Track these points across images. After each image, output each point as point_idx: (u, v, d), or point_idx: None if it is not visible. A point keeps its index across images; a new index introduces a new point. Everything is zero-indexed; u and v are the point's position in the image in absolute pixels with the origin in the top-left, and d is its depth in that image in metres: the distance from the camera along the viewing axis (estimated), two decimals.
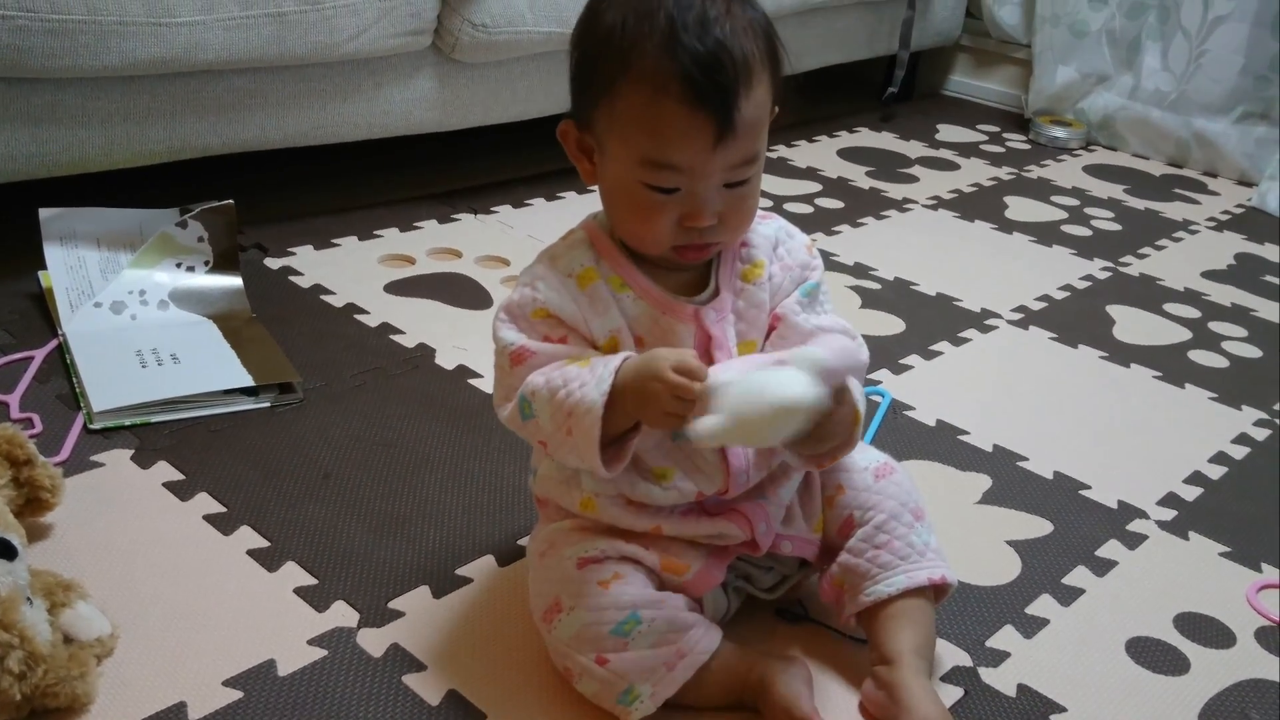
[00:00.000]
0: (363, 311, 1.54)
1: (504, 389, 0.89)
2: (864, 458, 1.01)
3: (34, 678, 0.82)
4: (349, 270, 1.65)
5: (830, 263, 1.82)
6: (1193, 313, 1.79)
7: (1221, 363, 1.63)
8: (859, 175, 2.28)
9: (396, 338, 1.48)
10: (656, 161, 0.82)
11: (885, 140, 2.53)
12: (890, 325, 1.64)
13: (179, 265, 1.46)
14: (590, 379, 0.82)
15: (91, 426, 1.21)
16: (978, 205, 2.17)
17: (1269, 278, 1.96)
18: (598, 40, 0.84)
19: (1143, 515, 1.24)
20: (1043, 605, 1.08)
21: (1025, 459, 1.32)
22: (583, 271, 0.89)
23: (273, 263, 1.65)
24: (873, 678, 0.90)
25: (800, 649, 0.98)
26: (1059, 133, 2.60)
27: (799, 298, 0.93)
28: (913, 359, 1.55)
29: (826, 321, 0.93)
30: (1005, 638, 1.03)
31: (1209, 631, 1.07)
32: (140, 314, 1.42)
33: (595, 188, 0.90)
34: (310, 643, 0.95)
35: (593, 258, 0.90)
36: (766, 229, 0.94)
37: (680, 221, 0.84)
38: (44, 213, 1.43)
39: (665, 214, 0.84)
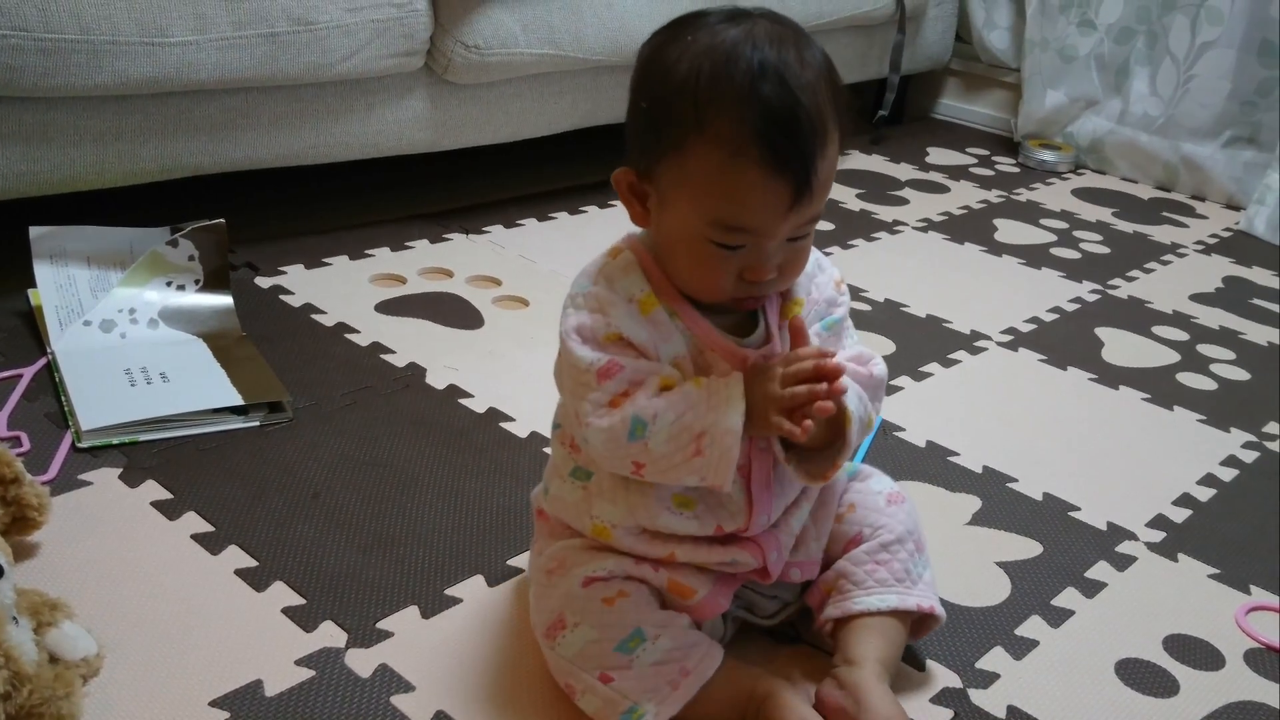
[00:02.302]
0: (353, 331, 1.53)
1: (591, 405, 0.85)
2: (878, 483, 1.02)
3: (19, 698, 0.81)
4: (340, 289, 1.65)
5: None
6: (1181, 335, 1.80)
7: (1210, 385, 1.63)
8: (849, 197, 2.29)
9: (387, 357, 1.47)
10: (729, 225, 0.81)
11: (875, 163, 2.55)
12: (880, 347, 1.64)
13: (169, 284, 1.46)
14: (719, 400, 0.82)
15: (80, 445, 1.21)
16: (967, 228, 2.18)
17: (1257, 301, 1.97)
18: (670, 91, 0.81)
19: (1132, 537, 1.24)
20: (1032, 627, 1.08)
21: (1015, 480, 1.33)
22: (644, 297, 0.87)
23: (263, 282, 1.65)
24: (833, 677, 0.91)
25: (793, 670, 0.98)
26: (1048, 156, 2.61)
27: (820, 330, 0.92)
28: (903, 380, 1.55)
29: (848, 353, 0.92)
30: (995, 659, 1.03)
31: (1198, 653, 1.07)
32: (130, 332, 1.41)
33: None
34: (298, 663, 0.94)
35: (646, 283, 0.87)
36: (806, 265, 0.92)
37: (742, 274, 0.84)
38: (34, 231, 1.43)
39: (728, 268, 0.83)
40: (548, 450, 1.05)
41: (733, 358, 0.87)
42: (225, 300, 1.48)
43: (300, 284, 1.66)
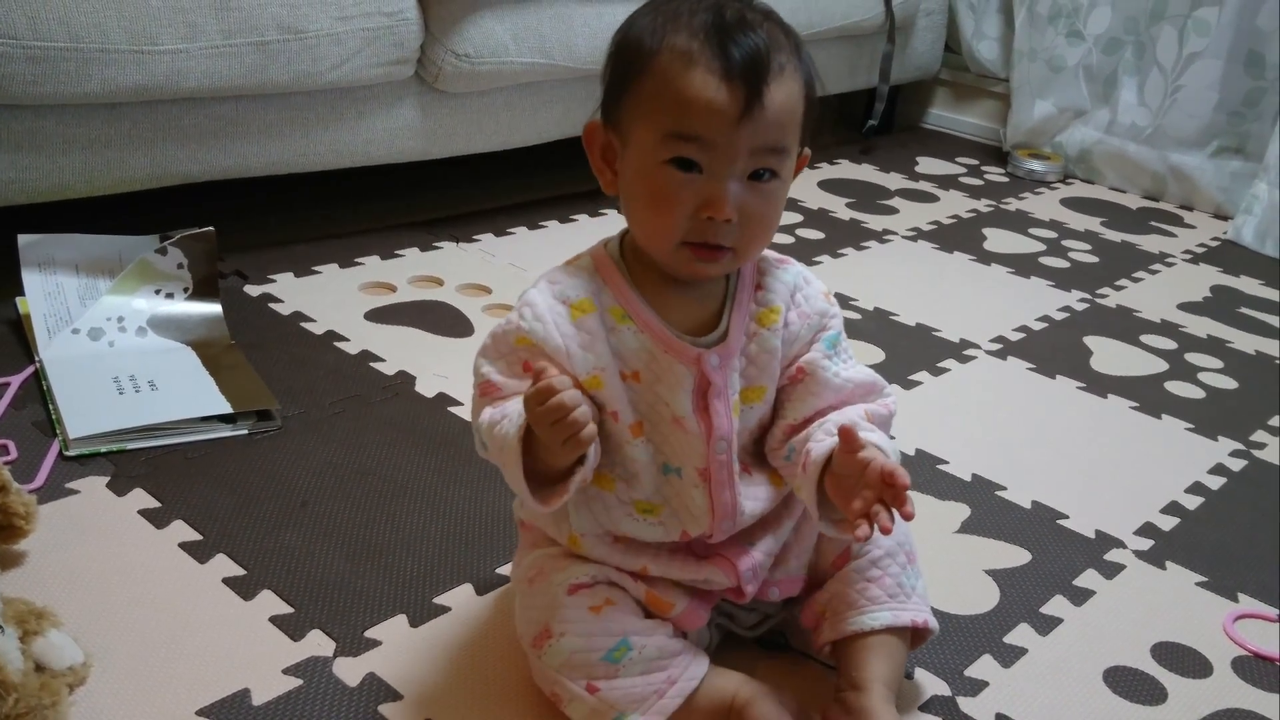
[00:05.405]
0: (342, 339, 1.53)
1: (475, 407, 0.89)
2: None
3: (5, 707, 0.81)
4: (329, 297, 1.65)
5: None
6: (1169, 344, 1.80)
7: (1198, 394, 1.64)
8: (839, 206, 2.30)
9: (376, 365, 1.47)
10: (680, 132, 0.80)
11: (865, 172, 2.55)
12: (870, 355, 1.64)
13: (158, 292, 1.46)
14: (514, 412, 0.82)
15: (67, 453, 1.21)
16: (956, 237, 2.19)
17: (1245, 310, 1.98)
18: (632, 37, 0.84)
19: (1120, 545, 1.24)
20: (1021, 635, 1.08)
21: (1004, 489, 1.33)
22: (578, 301, 0.86)
23: (253, 290, 1.65)
24: (839, 703, 0.90)
25: (781, 679, 0.98)
26: (1037, 166, 2.62)
27: (824, 350, 0.92)
28: (892, 389, 1.54)
29: (854, 374, 0.92)
30: (983, 667, 1.03)
31: (1186, 661, 1.07)
32: (118, 340, 1.41)
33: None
34: (285, 672, 0.94)
35: (594, 288, 0.87)
36: (786, 275, 0.92)
37: (698, 211, 0.81)
38: (23, 239, 1.43)
39: (683, 199, 0.81)
40: None
41: (685, 357, 0.87)
42: (214, 308, 1.48)
43: (289, 292, 1.65)
